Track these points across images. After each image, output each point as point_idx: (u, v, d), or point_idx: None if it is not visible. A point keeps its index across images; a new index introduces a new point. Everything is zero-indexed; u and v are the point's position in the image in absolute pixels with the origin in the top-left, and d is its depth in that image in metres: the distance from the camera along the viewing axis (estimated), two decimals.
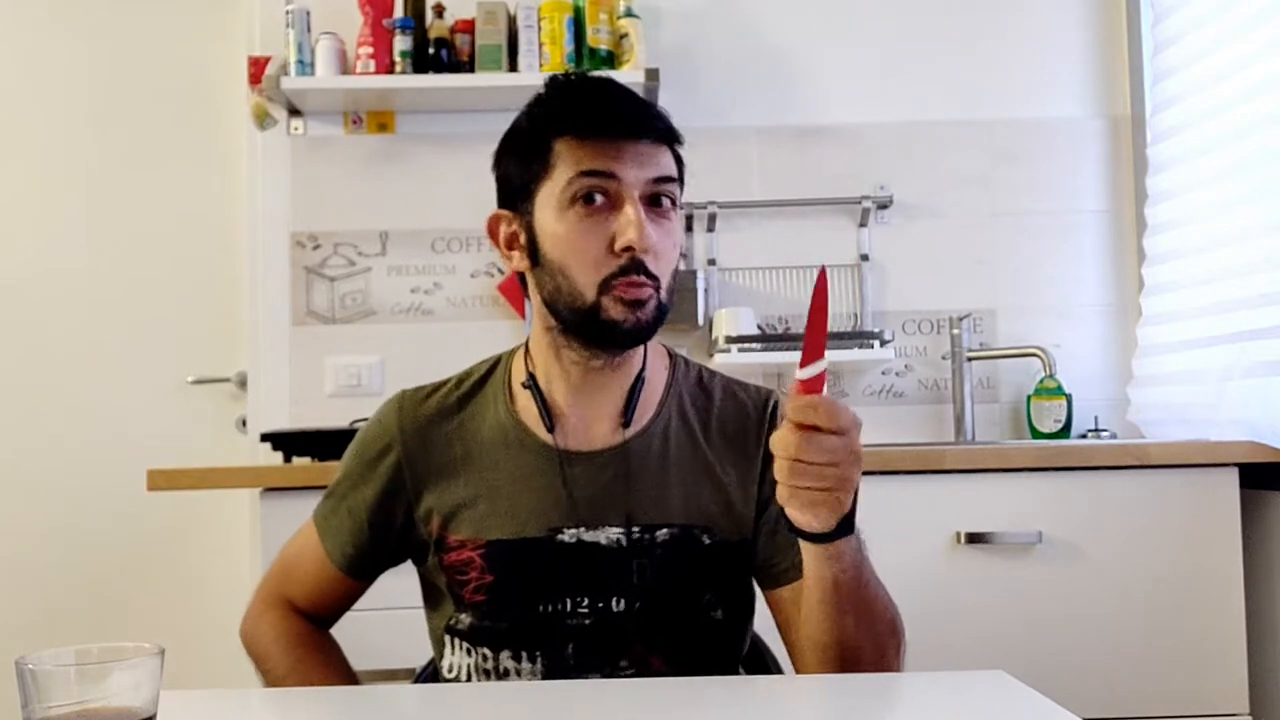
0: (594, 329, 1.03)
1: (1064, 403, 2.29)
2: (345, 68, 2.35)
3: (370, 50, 2.32)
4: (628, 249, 0.99)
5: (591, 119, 1.02)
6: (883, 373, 2.43)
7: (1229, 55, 2.01)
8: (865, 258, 2.45)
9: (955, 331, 2.37)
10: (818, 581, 0.95)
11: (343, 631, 1.19)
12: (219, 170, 2.56)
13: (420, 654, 1.25)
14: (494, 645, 1.07)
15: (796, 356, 0.86)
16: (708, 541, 1.08)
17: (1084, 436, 2.31)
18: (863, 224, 2.45)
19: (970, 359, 2.37)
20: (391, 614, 1.64)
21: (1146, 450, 1.81)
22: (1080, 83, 2.49)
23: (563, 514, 1.06)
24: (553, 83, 1.07)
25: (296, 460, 2.06)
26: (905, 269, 2.45)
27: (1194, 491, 1.80)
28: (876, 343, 2.31)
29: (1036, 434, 2.32)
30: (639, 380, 1.10)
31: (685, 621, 1.07)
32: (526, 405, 1.11)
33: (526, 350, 1.13)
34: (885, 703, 0.93)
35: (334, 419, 2.29)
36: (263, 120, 2.38)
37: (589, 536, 1.06)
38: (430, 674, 1.21)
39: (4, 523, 2.52)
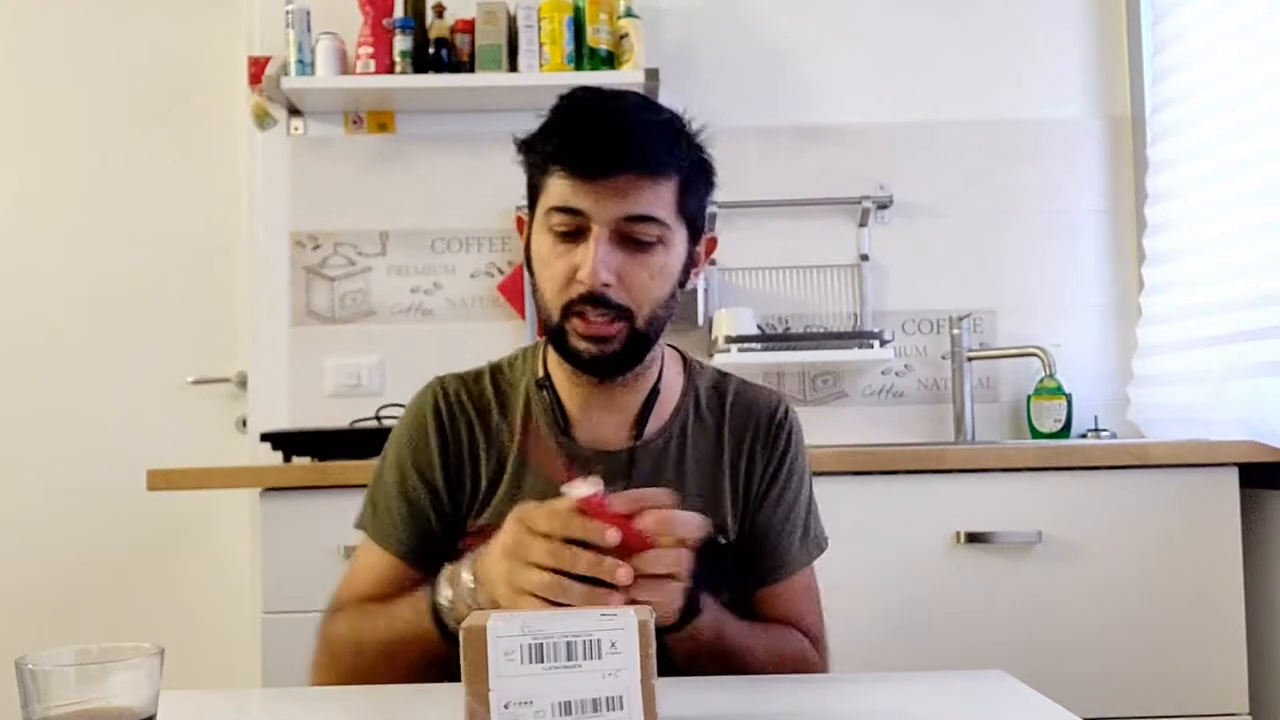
0: (563, 352, 1.07)
1: (1064, 403, 2.29)
2: (345, 68, 2.35)
3: (370, 50, 2.32)
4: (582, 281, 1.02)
5: (571, 153, 1.02)
6: (883, 373, 2.43)
7: (1229, 55, 2.01)
8: (865, 258, 2.45)
9: (955, 331, 2.37)
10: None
11: None
12: (219, 170, 2.56)
13: None
14: None
15: (796, 356, 0.87)
16: (722, 542, 1.10)
17: (1084, 436, 2.31)
18: (863, 224, 2.45)
19: (970, 359, 2.37)
20: None
21: (1146, 450, 1.81)
22: (1080, 83, 2.49)
23: None
24: (559, 104, 1.06)
25: (296, 460, 2.05)
26: (905, 269, 2.45)
27: (1194, 491, 1.80)
28: (876, 343, 2.30)
29: (1036, 434, 2.32)
30: (654, 392, 1.13)
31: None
32: (547, 401, 1.14)
33: (546, 347, 1.15)
34: (885, 702, 0.93)
35: (334, 419, 2.29)
36: (263, 120, 2.38)
37: None
38: None
39: (4, 523, 2.52)
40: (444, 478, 1.13)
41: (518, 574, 0.84)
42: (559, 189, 1.03)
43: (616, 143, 1.01)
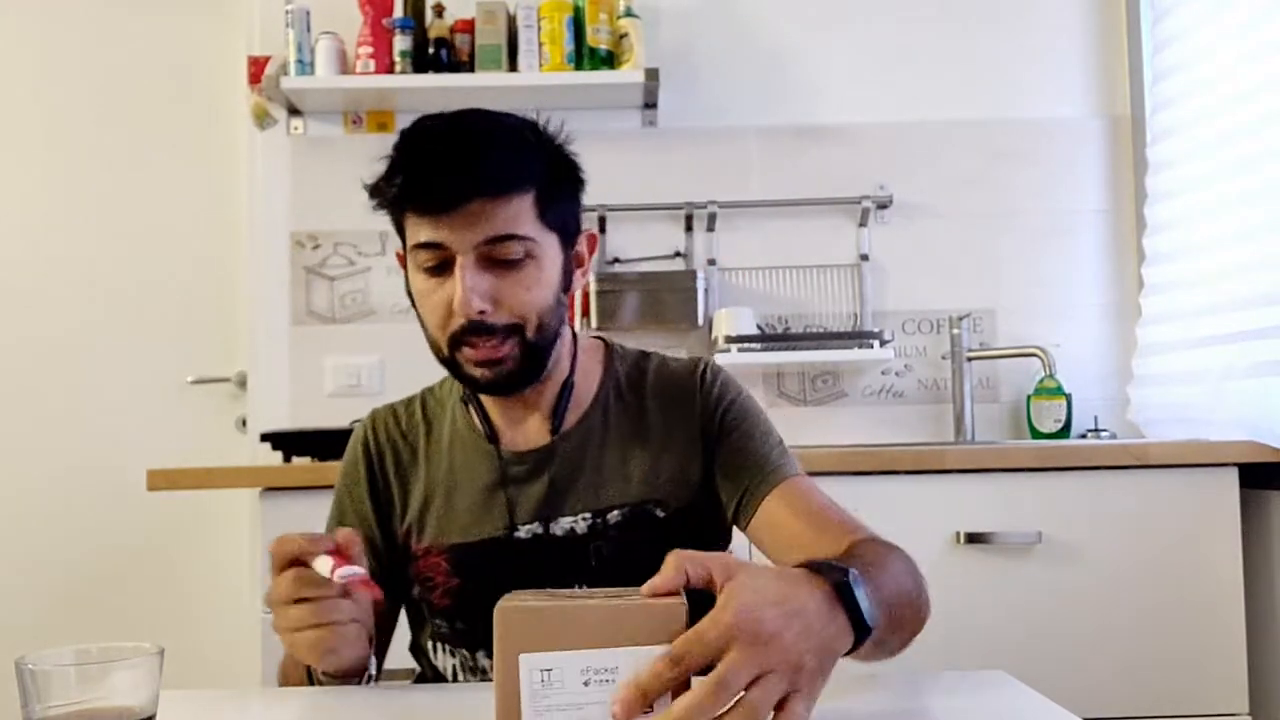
0: (462, 380, 1.09)
1: (1064, 403, 2.29)
2: (345, 67, 2.35)
3: (370, 50, 2.32)
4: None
5: (418, 191, 1.01)
6: (882, 373, 2.43)
7: (1229, 55, 2.01)
8: (865, 258, 2.45)
9: (955, 331, 2.37)
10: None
11: None
12: (219, 170, 2.56)
13: None
14: (471, 645, 1.12)
15: (796, 356, 0.86)
16: (661, 515, 1.11)
17: (1084, 436, 2.31)
18: (863, 224, 2.45)
19: (970, 359, 2.37)
20: None
21: (1146, 450, 1.81)
22: (1080, 83, 2.49)
23: (515, 513, 1.12)
24: (400, 141, 1.04)
25: (296, 460, 2.05)
26: (905, 269, 2.45)
27: (1194, 491, 1.80)
28: (876, 343, 2.30)
29: (1036, 434, 2.32)
30: (567, 384, 1.14)
31: None
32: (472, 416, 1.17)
33: None
34: (886, 702, 0.93)
35: (334, 419, 2.29)
36: (263, 120, 2.38)
37: (544, 531, 1.11)
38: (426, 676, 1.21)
39: (4, 522, 2.52)
40: (375, 514, 1.17)
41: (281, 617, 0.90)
42: (416, 227, 1.03)
43: (460, 171, 1.00)
